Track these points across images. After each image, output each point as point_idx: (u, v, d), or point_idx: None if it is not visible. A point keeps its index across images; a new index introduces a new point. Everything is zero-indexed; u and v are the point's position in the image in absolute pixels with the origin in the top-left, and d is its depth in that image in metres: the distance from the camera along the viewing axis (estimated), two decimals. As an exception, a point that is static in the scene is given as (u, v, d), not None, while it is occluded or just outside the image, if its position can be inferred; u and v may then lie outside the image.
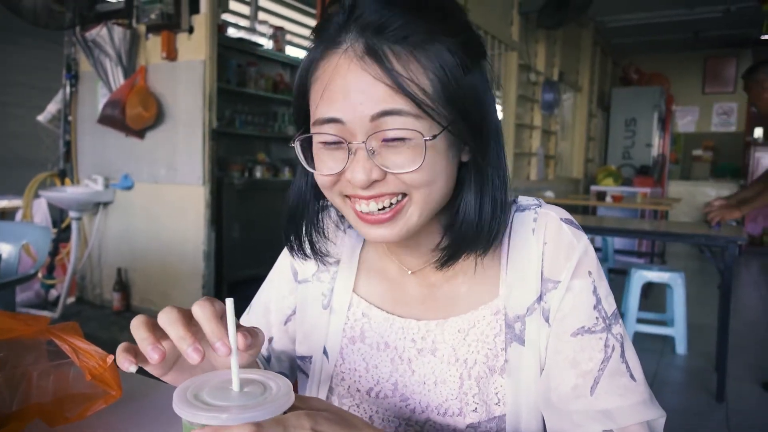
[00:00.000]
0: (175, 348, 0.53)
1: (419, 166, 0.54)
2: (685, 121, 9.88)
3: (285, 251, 0.82)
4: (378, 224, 0.59)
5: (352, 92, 0.54)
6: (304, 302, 0.77)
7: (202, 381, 0.49)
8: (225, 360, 0.52)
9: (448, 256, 0.63)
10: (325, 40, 0.56)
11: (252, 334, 0.51)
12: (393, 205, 0.58)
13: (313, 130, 0.58)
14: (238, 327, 0.50)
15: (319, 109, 0.56)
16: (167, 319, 0.50)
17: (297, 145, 0.60)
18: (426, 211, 0.59)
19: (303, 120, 0.61)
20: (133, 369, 0.50)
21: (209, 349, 0.54)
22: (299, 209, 0.69)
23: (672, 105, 8.48)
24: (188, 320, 0.51)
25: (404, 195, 0.58)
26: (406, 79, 0.52)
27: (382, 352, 0.70)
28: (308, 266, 0.78)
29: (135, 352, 0.50)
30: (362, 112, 0.53)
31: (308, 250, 0.71)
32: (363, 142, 0.54)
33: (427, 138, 0.53)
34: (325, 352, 0.74)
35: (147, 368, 0.53)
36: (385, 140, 0.54)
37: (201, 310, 0.50)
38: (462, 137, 0.57)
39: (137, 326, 0.51)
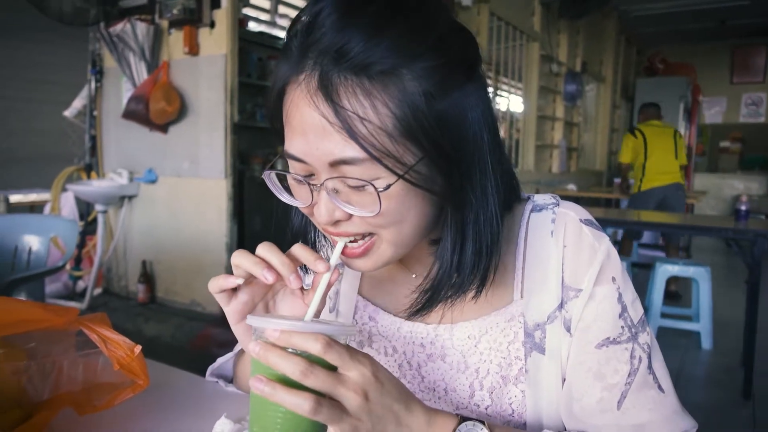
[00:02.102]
0: (260, 297, 0.57)
1: (378, 212, 0.51)
2: (712, 112, 9.65)
3: None
4: (353, 257, 0.57)
5: (309, 133, 0.51)
6: None
7: (272, 315, 0.56)
8: (294, 311, 0.58)
9: (422, 306, 0.59)
10: (289, 63, 0.53)
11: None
12: (364, 241, 0.56)
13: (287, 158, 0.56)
14: None
15: (286, 142, 0.55)
16: (269, 249, 0.54)
17: (271, 176, 0.57)
18: (401, 246, 0.57)
19: (282, 140, 0.58)
20: (240, 281, 0.54)
21: (284, 303, 0.58)
22: (307, 221, 0.67)
23: (699, 95, 8.28)
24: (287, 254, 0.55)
25: (373, 233, 0.56)
26: (358, 120, 0.48)
27: (390, 357, 0.68)
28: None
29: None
30: (320, 156, 0.51)
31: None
32: (322, 185, 0.52)
33: (380, 189, 0.50)
34: None
35: (229, 308, 0.56)
36: (347, 184, 0.52)
37: (300, 246, 0.55)
38: (425, 182, 0.52)
39: (243, 255, 0.54)
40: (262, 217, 4.04)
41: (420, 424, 0.52)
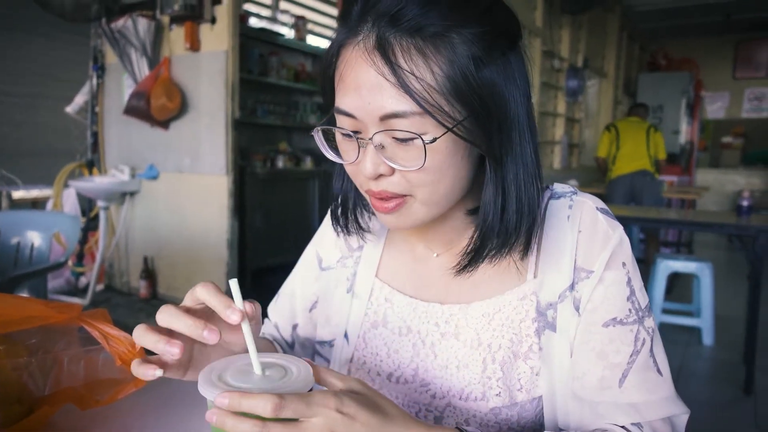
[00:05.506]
0: (187, 347, 0.56)
1: (421, 167, 0.54)
2: (715, 108, 9.62)
3: (314, 239, 0.84)
4: (386, 212, 0.60)
5: (362, 89, 0.54)
6: (327, 288, 0.79)
7: (225, 364, 0.52)
8: (240, 343, 0.57)
9: (469, 261, 0.62)
10: (346, 27, 0.57)
11: (253, 302, 0.54)
12: (397, 199, 0.58)
13: (336, 115, 0.59)
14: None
15: (337, 98, 0.58)
16: (168, 315, 0.52)
17: (319, 133, 0.61)
18: (433, 207, 0.59)
19: (332, 101, 0.61)
20: (159, 373, 0.52)
21: (224, 332, 0.57)
22: (348, 185, 0.70)
23: (701, 91, 8.25)
24: (188, 310, 0.54)
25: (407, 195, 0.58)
26: (412, 76, 0.52)
27: (404, 337, 0.70)
28: (333, 253, 0.80)
29: (151, 362, 0.52)
30: (371, 110, 0.54)
31: (353, 226, 0.72)
32: (370, 139, 0.55)
33: (428, 141, 0.53)
34: (345, 336, 0.75)
35: (167, 374, 0.54)
36: (395, 138, 0.55)
37: (204, 288, 0.54)
38: (470, 137, 0.55)
39: (143, 334, 0.52)
40: (262, 214, 4.05)
41: None
